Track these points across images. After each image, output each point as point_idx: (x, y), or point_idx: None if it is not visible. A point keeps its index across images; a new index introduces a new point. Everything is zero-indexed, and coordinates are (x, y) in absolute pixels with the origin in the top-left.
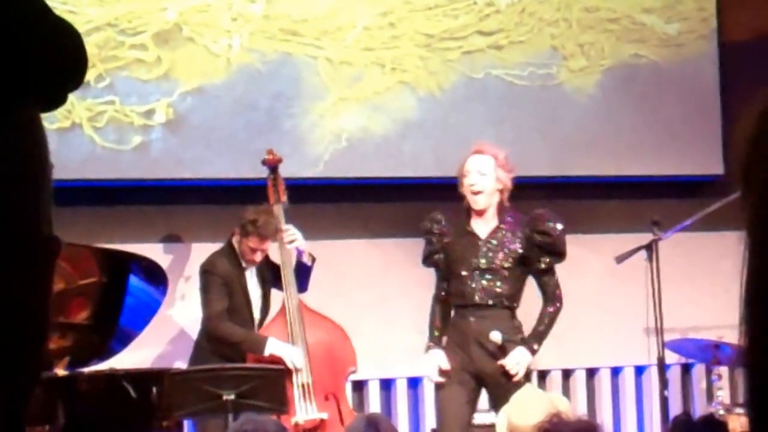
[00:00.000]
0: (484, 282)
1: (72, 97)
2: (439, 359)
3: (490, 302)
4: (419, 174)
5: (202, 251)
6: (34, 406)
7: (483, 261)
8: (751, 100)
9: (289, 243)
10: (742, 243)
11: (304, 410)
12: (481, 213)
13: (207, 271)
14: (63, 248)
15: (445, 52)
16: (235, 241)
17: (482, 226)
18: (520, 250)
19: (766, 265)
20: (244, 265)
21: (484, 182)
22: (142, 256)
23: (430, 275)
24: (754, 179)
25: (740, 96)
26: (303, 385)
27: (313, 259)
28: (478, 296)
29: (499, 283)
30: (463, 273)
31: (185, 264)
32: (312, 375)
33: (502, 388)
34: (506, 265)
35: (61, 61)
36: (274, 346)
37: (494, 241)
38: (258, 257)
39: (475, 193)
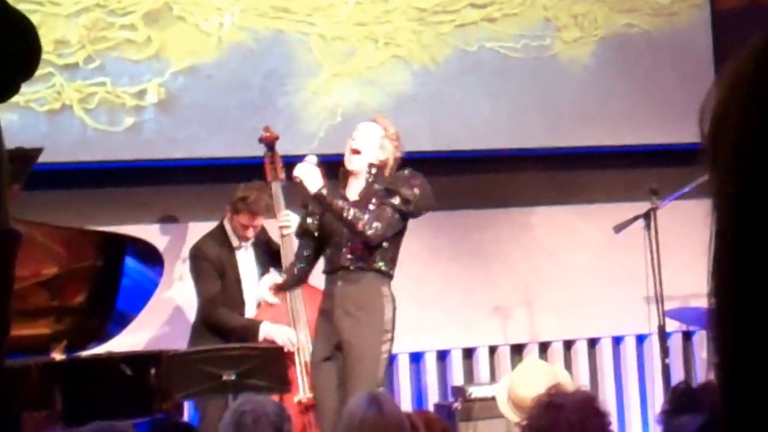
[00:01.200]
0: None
1: (62, 78)
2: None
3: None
4: (414, 148)
5: (199, 231)
6: (32, 391)
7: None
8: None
9: (284, 229)
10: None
11: (307, 388)
12: (354, 174)
13: (195, 256)
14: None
15: (438, 26)
16: (226, 220)
17: (353, 191)
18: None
19: (731, 238)
20: (236, 244)
21: (366, 146)
22: (137, 237)
23: (427, 249)
24: (721, 149)
25: None
26: (305, 363)
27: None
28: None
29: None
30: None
31: (182, 244)
32: None
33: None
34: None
35: (12, 53)
36: (267, 330)
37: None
38: (250, 233)
39: (354, 152)
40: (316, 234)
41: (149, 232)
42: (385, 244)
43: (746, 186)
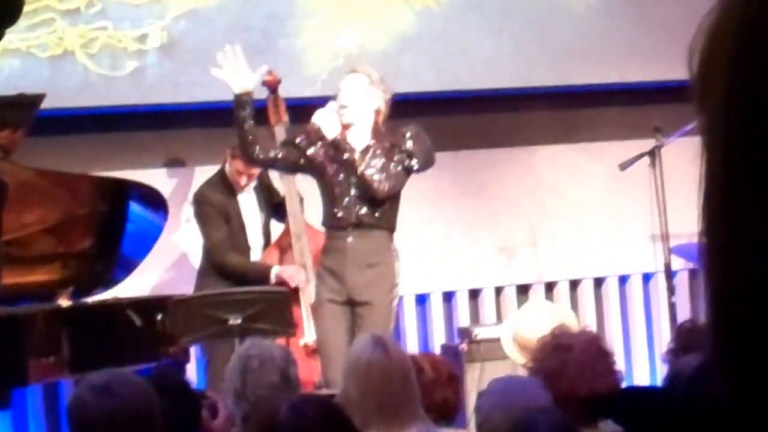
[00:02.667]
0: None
1: (63, 23)
2: None
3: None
4: (418, 89)
5: (204, 174)
6: (39, 337)
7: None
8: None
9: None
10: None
11: (313, 331)
12: (348, 127)
13: (198, 201)
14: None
15: None
16: (227, 165)
17: (356, 143)
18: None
19: (722, 178)
20: (237, 189)
21: (352, 98)
22: (141, 182)
23: (432, 191)
24: (711, 87)
25: None
26: (311, 307)
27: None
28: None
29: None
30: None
31: (188, 188)
32: None
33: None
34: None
35: None
36: (279, 271)
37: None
38: (244, 181)
39: (341, 108)
40: (300, 162)
41: (154, 177)
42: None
43: (736, 125)
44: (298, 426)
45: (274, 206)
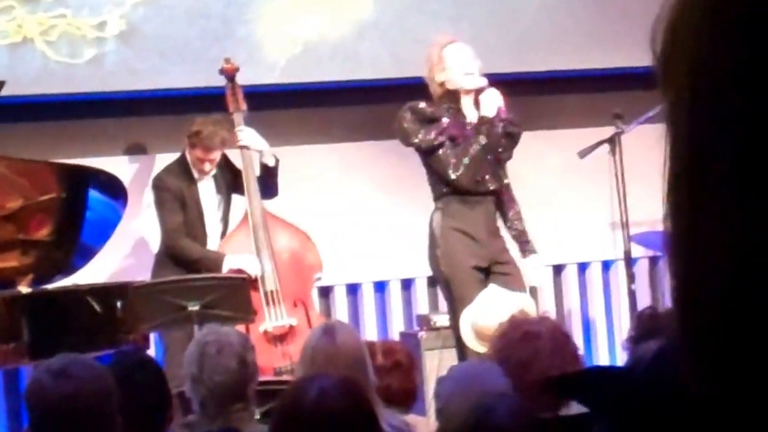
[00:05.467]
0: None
1: (22, 11)
2: None
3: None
4: (377, 76)
5: (165, 162)
6: None
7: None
8: None
9: (239, 146)
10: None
11: (273, 317)
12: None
13: (156, 187)
14: None
15: None
16: (187, 152)
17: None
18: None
19: (685, 161)
20: (196, 176)
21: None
22: (100, 169)
23: (391, 177)
24: (672, 69)
25: None
26: (270, 293)
27: (277, 160)
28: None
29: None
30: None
31: (149, 175)
32: (279, 282)
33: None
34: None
35: None
36: (231, 262)
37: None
38: (207, 167)
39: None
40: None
41: (115, 164)
42: None
43: (701, 102)
44: (324, 408)
45: (236, 176)
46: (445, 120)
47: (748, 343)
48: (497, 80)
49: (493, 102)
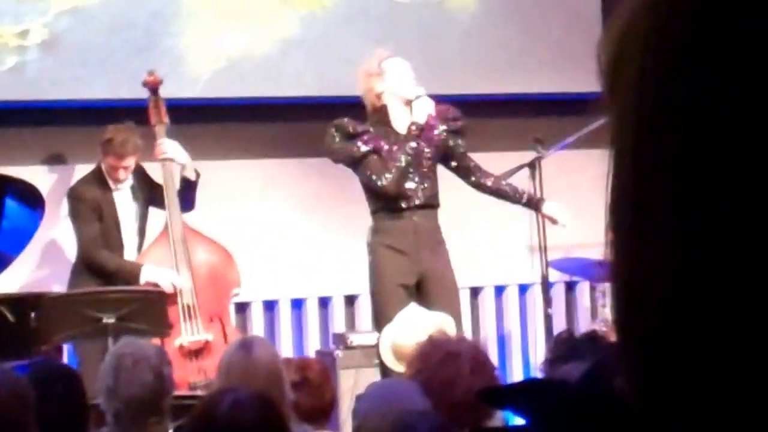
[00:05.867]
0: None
1: None
2: None
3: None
4: (300, 93)
5: (85, 172)
6: None
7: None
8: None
9: (162, 158)
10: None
11: (189, 331)
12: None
13: (72, 197)
14: None
15: None
16: (102, 162)
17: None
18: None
19: (629, 183)
20: (112, 186)
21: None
22: (17, 178)
23: (311, 195)
24: (618, 84)
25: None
26: (187, 307)
27: (198, 174)
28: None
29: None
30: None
31: (68, 185)
32: (197, 296)
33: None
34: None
35: None
36: (149, 274)
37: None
38: (121, 175)
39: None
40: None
41: (34, 174)
42: None
43: (646, 126)
44: (236, 422)
45: (155, 189)
46: (370, 130)
47: (692, 360)
48: None
49: (424, 109)
